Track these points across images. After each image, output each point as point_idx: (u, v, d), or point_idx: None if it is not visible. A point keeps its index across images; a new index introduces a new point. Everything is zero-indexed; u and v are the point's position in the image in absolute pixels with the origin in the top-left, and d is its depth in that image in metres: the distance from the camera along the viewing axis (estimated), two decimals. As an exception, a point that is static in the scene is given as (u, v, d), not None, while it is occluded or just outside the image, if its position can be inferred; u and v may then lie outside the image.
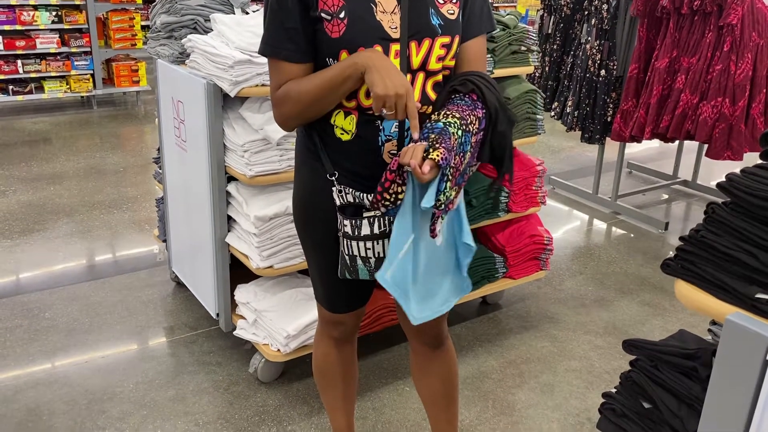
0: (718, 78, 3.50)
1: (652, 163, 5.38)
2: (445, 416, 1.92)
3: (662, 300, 3.27)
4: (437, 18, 1.50)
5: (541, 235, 2.98)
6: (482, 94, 1.47)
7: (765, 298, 0.91)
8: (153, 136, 5.95)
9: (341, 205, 1.55)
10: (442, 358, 1.84)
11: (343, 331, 1.85)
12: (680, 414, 1.05)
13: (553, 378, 2.64)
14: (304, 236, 1.73)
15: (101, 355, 2.69)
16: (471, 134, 1.43)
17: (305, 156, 1.64)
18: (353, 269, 1.58)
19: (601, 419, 1.17)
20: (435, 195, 1.36)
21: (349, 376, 1.95)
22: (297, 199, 1.70)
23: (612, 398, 1.16)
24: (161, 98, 2.77)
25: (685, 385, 1.06)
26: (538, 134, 2.95)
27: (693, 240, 1.00)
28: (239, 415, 2.37)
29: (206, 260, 2.60)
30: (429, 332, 1.78)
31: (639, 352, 1.12)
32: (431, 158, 1.32)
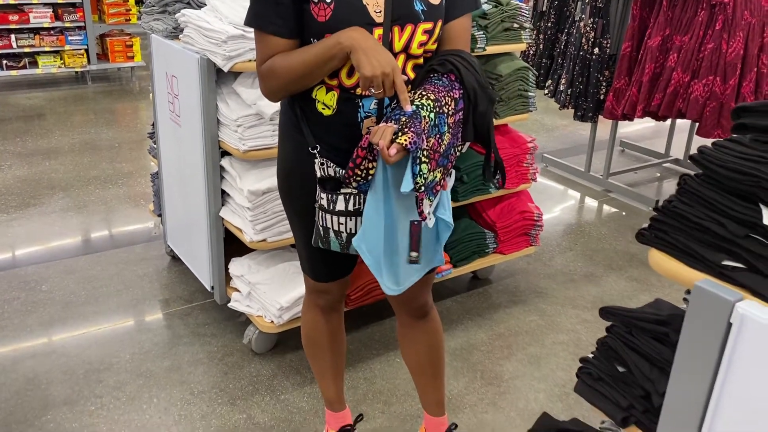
0: (709, 56, 3.52)
1: (644, 141, 5.41)
2: (432, 385, 1.98)
3: (649, 276, 3.33)
4: (421, 4, 1.52)
5: (531, 211, 3.02)
6: (460, 74, 1.50)
7: (731, 265, 0.96)
8: (148, 112, 5.94)
9: (321, 178, 1.59)
10: (427, 328, 1.90)
11: (329, 300, 1.90)
12: (652, 376, 1.10)
13: (541, 350, 2.70)
14: (288, 207, 1.78)
15: (98, 327, 2.74)
16: (446, 115, 1.46)
17: (288, 128, 1.68)
18: (326, 240, 1.63)
19: (578, 383, 1.22)
20: (412, 179, 1.39)
21: (336, 344, 2.00)
22: (281, 171, 1.75)
23: (589, 363, 1.21)
24: (155, 73, 2.78)
25: (657, 349, 1.11)
26: (529, 111, 2.97)
27: (666, 210, 1.04)
28: (233, 384, 2.43)
29: (201, 234, 2.64)
30: (413, 303, 1.84)
31: (615, 318, 1.17)
32: (398, 142, 1.35)
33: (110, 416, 2.25)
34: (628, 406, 1.13)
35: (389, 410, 2.33)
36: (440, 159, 1.47)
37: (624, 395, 1.14)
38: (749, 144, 0.97)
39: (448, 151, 1.51)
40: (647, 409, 1.11)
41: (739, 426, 0.94)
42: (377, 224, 1.53)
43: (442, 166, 1.49)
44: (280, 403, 2.34)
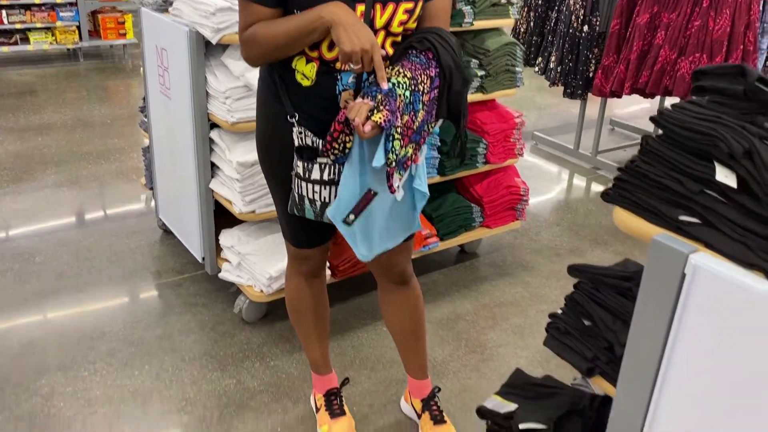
0: (696, 34, 3.56)
1: (635, 120, 5.46)
2: (414, 349, 2.04)
3: (634, 250, 3.39)
4: None
5: (517, 186, 3.07)
6: (437, 53, 1.54)
7: (687, 220, 1.01)
8: (140, 89, 5.94)
9: (299, 147, 1.64)
10: (408, 294, 1.97)
11: (311, 266, 1.96)
12: (615, 328, 1.16)
13: (524, 320, 2.76)
14: (268, 174, 1.83)
15: (91, 297, 2.79)
16: (421, 93, 1.51)
17: (267, 97, 1.72)
18: (300, 208, 1.68)
19: (547, 337, 1.28)
20: (384, 154, 1.44)
21: (320, 309, 2.06)
22: (260, 139, 1.79)
23: (557, 318, 1.27)
24: (146, 47, 2.81)
25: (620, 303, 1.17)
26: (516, 86, 3.01)
27: (629, 170, 1.09)
28: (224, 351, 2.49)
29: (191, 206, 2.68)
30: (394, 270, 1.90)
31: (582, 275, 1.23)
32: (373, 120, 1.40)
33: (103, 381, 2.31)
34: (593, 357, 1.19)
35: (375, 375, 2.39)
36: (413, 135, 1.52)
37: (589, 347, 1.20)
38: (706, 105, 1.02)
39: (422, 128, 1.56)
40: (611, 360, 1.17)
41: (692, 369, 1.00)
42: (353, 196, 1.58)
43: (415, 142, 1.54)
44: (270, 369, 2.41)
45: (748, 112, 0.99)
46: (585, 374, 1.18)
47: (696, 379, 1.00)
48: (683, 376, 1.02)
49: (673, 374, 1.03)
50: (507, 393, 1.42)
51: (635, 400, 1.09)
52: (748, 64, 1.00)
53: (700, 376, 1.00)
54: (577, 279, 1.25)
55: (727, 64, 0.99)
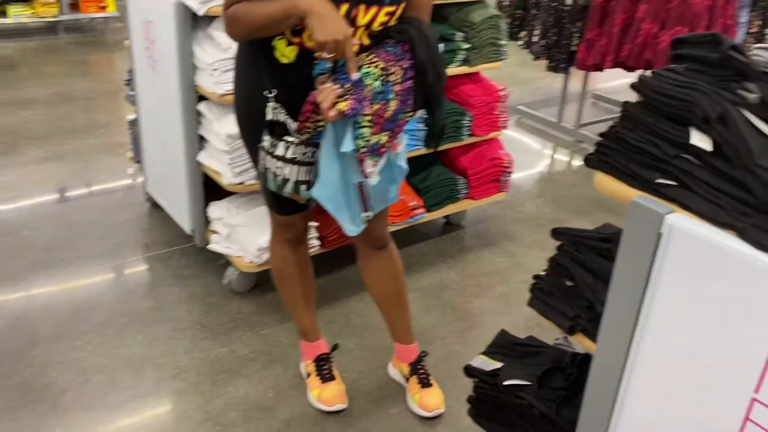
0: (677, 8, 3.60)
1: (617, 94, 5.51)
2: (398, 312, 2.11)
3: (614, 220, 3.41)
4: None
5: (501, 158, 3.12)
6: (413, 46, 1.60)
7: (664, 183, 1.06)
8: (122, 63, 5.88)
9: (270, 121, 1.68)
10: (387, 257, 2.04)
11: (295, 233, 2.02)
12: (595, 287, 1.22)
13: (508, 289, 2.83)
14: (249, 146, 1.87)
15: (81, 270, 2.81)
16: (392, 84, 1.57)
17: (247, 67, 1.76)
18: (264, 178, 1.73)
19: (531, 298, 1.34)
20: (352, 140, 1.51)
21: (306, 275, 2.12)
22: (238, 106, 1.83)
23: (541, 279, 1.33)
24: (131, 20, 2.80)
25: (600, 263, 1.23)
26: (501, 59, 3.05)
27: (609, 135, 1.14)
28: (215, 321, 2.53)
29: (180, 179, 2.70)
30: (372, 235, 1.97)
31: (564, 237, 1.28)
32: (338, 107, 1.46)
33: (96, 351, 2.34)
34: (575, 315, 1.25)
35: (363, 343, 2.45)
36: (386, 123, 1.58)
37: (571, 306, 1.26)
38: (683, 72, 1.07)
39: (395, 117, 1.62)
40: (591, 318, 1.23)
41: (668, 324, 1.06)
42: (333, 176, 1.64)
43: (389, 130, 1.60)
44: (260, 337, 2.46)
45: (723, 78, 1.04)
46: (567, 332, 1.24)
47: (672, 334, 1.06)
48: (660, 330, 1.08)
49: (650, 329, 1.09)
50: (492, 353, 1.49)
51: (614, 355, 1.16)
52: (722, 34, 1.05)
53: (675, 330, 1.06)
54: (559, 242, 1.30)
55: (704, 33, 1.03)
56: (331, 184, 1.64)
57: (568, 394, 1.35)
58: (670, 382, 1.09)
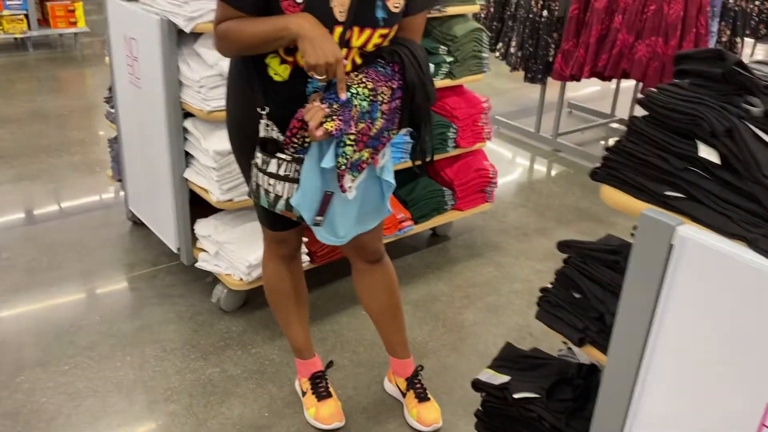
0: (652, 18, 3.68)
1: (591, 103, 5.60)
2: (393, 326, 2.11)
3: (597, 228, 3.52)
4: (383, 11, 1.61)
5: (486, 169, 3.15)
6: (403, 68, 1.61)
7: (673, 195, 1.08)
8: (94, 78, 5.82)
9: (263, 138, 1.68)
10: (382, 270, 2.04)
11: (288, 249, 2.01)
12: (604, 299, 1.23)
13: (498, 299, 2.85)
14: (240, 159, 1.87)
15: (64, 292, 2.75)
16: (380, 103, 1.59)
17: (239, 83, 1.75)
18: (257, 195, 1.74)
19: (539, 311, 1.35)
20: (334, 158, 1.54)
21: (299, 290, 2.11)
22: (232, 125, 1.83)
23: (548, 292, 1.34)
24: (112, 36, 2.76)
25: (609, 276, 1.24)
26: (483, 72, 3.08)
27: (617, 149, 1.16)
28: (205, 341, 2.50)
29: (165, 196, 2.67)
30: (367, 250, 1.97)
31: (571, 250, 1.29)
32: (325, 127, 1.49)
33: (85, 375, 2.29)
34: (584, 327, 1.26)
35: (357, 359, 2.44)
36: (369, 141, 1.61)
37: (580, 318, 1.27)
38: (688, 88, 1.09)
39: (380, 134, 1.64)
40: (601, 330, 1.24)
41: (680, 334, 1.08)
42: (314, 188, 1.64)
43: (372, 147, 1.63)
44: (252, 356, 2.43)
45: (726, 93, 1.06)
46: (577, 344, 1.25)
47: (684, 344, 1.08)
48: (672, 341, 1.09)
49: (662, 340, 1.10)
50: (499, 366, 1.49)
51: (626, 365, 1.17)
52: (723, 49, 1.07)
53: (687, 340, 1.08)
54: (566, 254, 1.32)
55: (707, 48, 1.06)
56: (310, 194, 1.64)
57: (577, 406, 1.36)
58: (684, 392, 1.10)
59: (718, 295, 1.02)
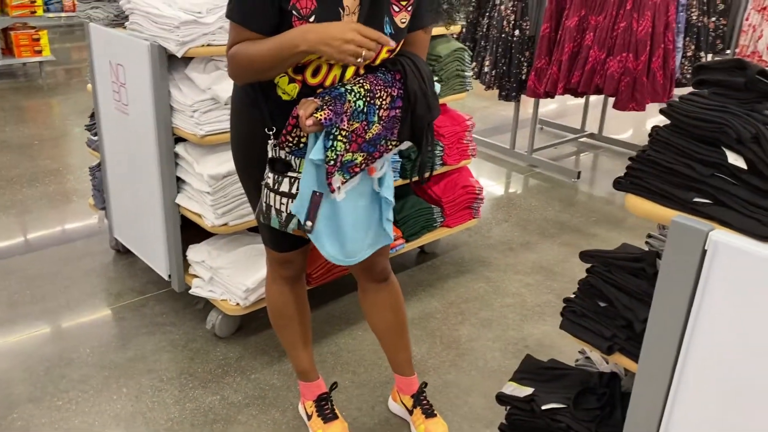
0: (622, 35, 3.80)
1: (560, 119, 5.73)
2: (400, 344, 2.10)
3: (579, 240, 3.58)
4: (390, 27, 1.62)
5: (473, 185, 3.18)
6: (405, 76, 1.61)
7: (701, 201, 1.11)
8: (62, 107, 5.71)
9: (272, 159, 1.67)
10: (389, 289, 2.04)
11: (293, 270, 1.99)
12: (632, 306, 1.25)
13: (491, 314, 2.87)
14: (245, 180, 1.86)
15: (51, 325, 2.67)
16: (378, 107, 1.58)
17: (245, 104, 1.74)
18: (267, 216, 1.71)
19: (563, 321, 1.36)
20: (323, 150, 1.52)
21: (303, 313, 2.09)
22: (237, 146, 1.81)
23: (572, 302, 1.35)
24: (96, 63, 2.72)
25: (634, 283, 1.26)
26: (466, 90, 3.13)
27: (640, 158, 1.19)
28: (202, 368, 2.45)
29: (155, 223, 2.62)
30: (374, 269, 1.97)
31: (594, 260, 1.31)
32: (315, 116, 1.48)
33: (80, 409, 2.22)
34: (612, 335, 1.28)
35: (358, 380, 2.42)
36: (364, 145, 1.59)
37: (607, 327, 1.29)
38: (709, 97, 1.13)
39: (377, 141, 1.63)
40: (630, 337, 1.26)
41: (715, 339, 1.10)
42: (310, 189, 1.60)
43: (366, 152, 1.61)
44: (252, 382, 2.39)
45: (748, 101, 1.10)
46: (605, 352, 1.27)
47: (719, 349, 1.10)
48: (707, 346, 1.12)
49: (696, 345, 1.13)
50: (521, 378, 1.50)
51: (659, 372, 1.18)
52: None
53: (723, 345, 1.10)
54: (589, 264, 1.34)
55: (727, 59, 1.10)
56: (306, 196, 1.61)
57: (603, 414, 1.38)
58: (720, 397, 1.12)
59: (753, 297, 1.05)
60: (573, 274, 3.19)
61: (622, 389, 1.45)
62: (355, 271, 2.02)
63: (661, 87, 3.91)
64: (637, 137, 5.56)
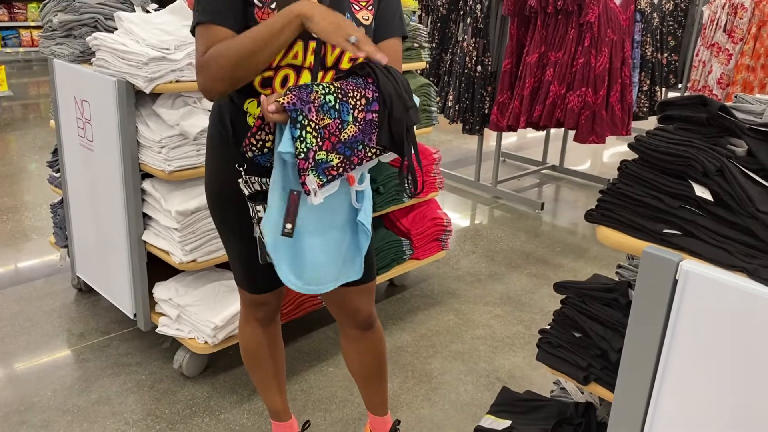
0: (581, 70, 3.92)
1: (522, 151, 5.84)
2: (379, 389, 2.06)
3: (546, 271, 3.63)
4: (354, 22, 1.61)
5: (441, 217, 3.21)
6: (377, 78, 1.52)
7: (671, 232, 1.15)
8: (19, 143, 5.60)
9: (250, 195, 1.61)
10: (374, 337, 1.96)
11: (267, 311, 1.93)
12: (606, 336, 1.27)
13: (462, 346, 2.87)
14: (220, 223, 1.80)
15: (10, 367, 2.58)
16: (352, 107, 1.49)
17: (217, 143, 1.70)
18: (260, 252, 1.63)
19: (539, 352, 1.37)
20: (290, 141, 1.42)
21: (277, 354, 2.04)
22: (211, 186, 1.76)
23: (547, 333, 1.37)
24: (60, 99, 2.69)
25: (608, 313, 1.29)
26: (433, 125, 3.17)
27: (611, 191, 1.22)
28: (169, 409, 2.38)
29: (121, 260, 2.57)
30: (360, 316, 1.89)
31: (568, 291, 1.34)
32: (278, 101, 1.40)
33: (42, 456, 2.14)
34: (588, 365, 1.29)
35: (330, 417, 2.39)
36: (340, 146, 1.50)
37: (582, 357, 1.30)
38: (674, 132, 1.18)
39: (354, 144, 1.52)
40: (605, 366, 1.28)
41: (689, 365, 1.13)
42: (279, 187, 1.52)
43: (342, 154, 1.51)
44: (221, 422, 2.33)
45: (711, 135, 1.15)
46: (581, 382, 1.28)
47: (693, 375, 1.13)
48: (681, 373, 1.14)
49: (670, 373, 1.15)
50: (498, 411, 1.50)
51: (634, 400, 1.20)
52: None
53: (696, 371, 1.12)
54: (563, 295, 1.36)
55: (690, 95, 1.14)
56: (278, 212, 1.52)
57: (581, 444, 1.39)
58: (695, 423, 1.14)
59: (724, 324, 1.08)
60: (541, 305, 3.22)
61: (598, 419, 1.46)
62: (339, 317, 1.94)
63: (620, 120, 4.04)
64: (596, 168, 5.70)
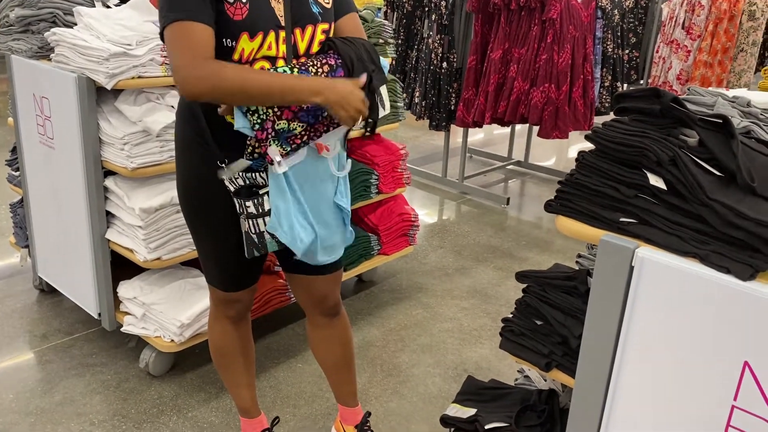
0: (544, 66, 3.97)
1: (488, 147, 5.90)
2: (347, 378, 2.08)
3: (512, 264, 3.67)
4: (317, 6, 1.64)
5: (408, 213, 3.23)
6: (336, 47, 1.61)
7: (627, 221, 1.18)
8: (-22, 143, 5.46)
9: (236, 190, 1.61)
10: (340, 324, 2.00)
11: (239, 309, 1.94)
12: (567, 324, 1.30)
13: (430, 339, 2.90)
14: (196, 222, 1.78)
15: (-31, 371, 2.52)
16: (311, 74, 1.54)
17: (191, 139, 1.67)
18: (261, 245, 1.65)
19: (502, 341, 1.40)
20: (242, 115, 1.48)
21: (247, 352, 2.04)
22: (187, 185, 1.73)
23: (510, 321, 1.40)
24: (18, 96, 2.63)
25: (568, 301, 1.32)
26: (399, 120, 3.19)
27: (569, 182, 1.25)
28: (135, 409, 2.36)
29: (84, 260, 2.53)
30: (327, 303, 1.93)
31: (529, 280, 1.36)
32: None
33: (4, 460, 2.10)
34: (549, 352, 1.32)
35: (299, 413, 2.39)
36: (302, 114, 1.54)
37: (544, 344, 1.33)
38: (630, 123, 1.21)
39: (318, 111, 1.57)
40: (566, 353, 1.31)
41: (646, 349, 1.16)
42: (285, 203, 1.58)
43: (305, 122, 1.55)
44: (189, 420, 2.32)
45: (664, 126, 1.18)
46: (543, 369, 1.31)
47: (650, 358, 1.16)
48: (638, 356, 1.18)
49: (629, 356, 1.18)
50: (463, 400, 1.52)
51: (595, 385, 1.23)
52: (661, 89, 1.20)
53: (653, 354, 1.16)
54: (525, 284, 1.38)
55: (644, 87, 1.18)
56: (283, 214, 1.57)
57: (544, 430, 1.41)
58: (654, 403, 1.18)
59: (678, 308, 1.11)
60: (507, 297, 3.27)
61: (561, 405, 1.50)
62: (307, 305, 1.96)
63: (582, 115, 4.11)
64: (561, 164, 5.79)
